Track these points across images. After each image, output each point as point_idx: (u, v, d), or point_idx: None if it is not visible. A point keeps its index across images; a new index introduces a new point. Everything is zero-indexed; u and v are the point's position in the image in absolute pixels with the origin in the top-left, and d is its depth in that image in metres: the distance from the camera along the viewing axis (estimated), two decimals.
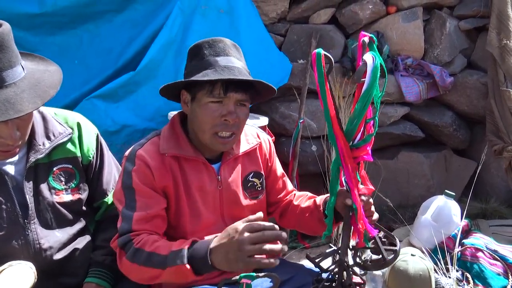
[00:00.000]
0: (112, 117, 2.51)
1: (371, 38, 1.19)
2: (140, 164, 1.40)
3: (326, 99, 1.16)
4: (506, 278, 2.14)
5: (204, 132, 1.41)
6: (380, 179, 2.94)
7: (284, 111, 3.00)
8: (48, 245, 1.37)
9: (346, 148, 1.22)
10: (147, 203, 1.38)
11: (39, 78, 1.31)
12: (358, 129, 1.21)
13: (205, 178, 1.47)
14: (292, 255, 2.68)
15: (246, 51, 2.72)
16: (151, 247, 1.29)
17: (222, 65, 1.38)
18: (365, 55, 1.16)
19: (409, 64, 3.03)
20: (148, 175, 1.39)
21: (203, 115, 1.39)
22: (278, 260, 1.16)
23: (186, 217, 1.45)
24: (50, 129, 1.43)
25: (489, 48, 2.82)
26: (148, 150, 1.43)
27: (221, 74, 1.35)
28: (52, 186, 1.42)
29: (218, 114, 1.38)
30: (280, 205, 1.66)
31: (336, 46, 3.01)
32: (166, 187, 1.42)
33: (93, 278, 1.44)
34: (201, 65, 1.40)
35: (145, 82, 2.55)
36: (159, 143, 1.44)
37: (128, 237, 1.33)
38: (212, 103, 1.38)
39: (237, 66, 1.39)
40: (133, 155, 1.42)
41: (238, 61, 1.42)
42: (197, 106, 1.41)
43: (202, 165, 1.47)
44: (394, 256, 1.30)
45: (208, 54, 1.40)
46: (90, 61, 2.57)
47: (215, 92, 1.37)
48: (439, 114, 3.18)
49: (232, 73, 1.36)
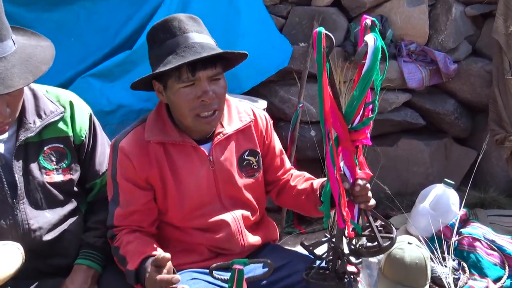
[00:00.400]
0: (108, 96, 2.46)
1: (373, 22, 1.18)
2: (122, 157, 1.41)
3: (322, 78, 1.14)
4: (503, 269, 2.13)
5: (185, 116, 1.38)
6: (379, 166, 2.91)
7: (284, 95, 2.95)
8: (38, 225, 1.35)
9: (344, 130, 1.21)
10: (128, 199, 1.42)
11: (30, 53, 1.27)
12: (357, 111, 1.20)
13: (195, 161, 1.45)
14: (287, 241, 2.67)
15: (246, 32, 2.72)
16: (123, 250, 1.37)
17: (182, 46, 1.32)
18: (366, 36, 1.15)
19: (412, 49, 2.97)
20: (130, 168, 1.40)
21: (179, 101, 1.36)
22: None
23: (175, 203, 1.44)
24: (41, 107, 1.40)
25: (495, 35, 2.76)
26: (131, 140, 1.43)
27: (183, 56, 1.30)
28: (43, 166, 1.39)
29: (193, 97, 1.35)
30: (278, 184, 1.63)
31: (338, 30, 2.94)
32: (150, 177, 1.42)
33: (84, 260, 1.42)
34: (162, 52, 1.35)
35: (141, 61, 2.47)
36: (144, 131, 1.43)
37: (112, 232, 1.43)
38: (184, 88, 1.34)
39: (198, 42, 1.34)
40: (116, 147, 1.43)
41: (198, 34, 1.36)
42: (171, 94, 1.38)
43: (190, 148, 1.45)
44: (390, 244, 1.29)
45: (164, 38, 1.35)
46: (87, 38, 2.51)
47: (183, 77, 1.33)
48: (441, 102, 3.13)
49: (194, 51, 1.31)
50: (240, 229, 1.48)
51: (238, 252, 1.48)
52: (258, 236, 1.54)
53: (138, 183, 1.41)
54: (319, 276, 1.34)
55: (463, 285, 2.05)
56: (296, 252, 1.59)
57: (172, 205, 1.44)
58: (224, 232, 1.45)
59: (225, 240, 1.45)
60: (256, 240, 1.53)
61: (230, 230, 1.45)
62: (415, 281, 1.97)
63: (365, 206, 1.30)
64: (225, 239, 1.45)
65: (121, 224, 1.42)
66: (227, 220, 1.46)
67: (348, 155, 1.25)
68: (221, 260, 1.45)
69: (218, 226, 1.45)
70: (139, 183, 1.41)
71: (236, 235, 1.46)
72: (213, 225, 1.45)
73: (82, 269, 1.40)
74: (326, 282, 1.31)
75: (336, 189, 1.22)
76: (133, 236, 1.39)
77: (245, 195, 1.51)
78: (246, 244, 1.48)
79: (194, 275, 1.41)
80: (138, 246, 1.35)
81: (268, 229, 1.62)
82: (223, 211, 1.47)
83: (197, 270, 1.44)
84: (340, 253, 1.31)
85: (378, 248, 1.29)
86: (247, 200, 1.52)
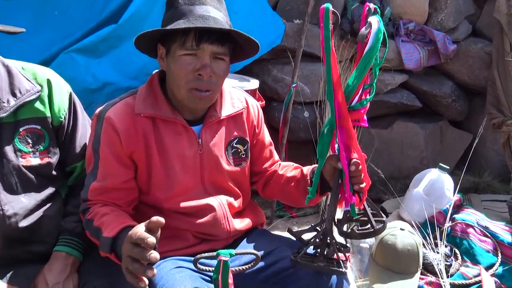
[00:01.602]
0: (93, 73, 2.36)
1: (375, 9, 1.23)
2: (108, 129, 1.33)
3: (330, 56, 1.17)
4: (495, 256, 2.10)
5: (179, 88, 1.32)
6: (373, 149, 2.86)
7: (277, 74, 2.86)
8: (13, 211, 1.28)
9: (344, 108, 1.22)
10: (106, 174, 1.33)
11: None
12: (356, 91, 1.23)
13: (184, 141, 1.38)
14: (278, 224, 2.63)
15: (239, 8, 2.60)
16: (98, 222, 1.27)
17: (196, 15, 1.28)
18: (370, 17, 1.19)
19: (411, 29, 2.88)
20: (115, 141, 1.32)
21: (177, 69, 1.30)
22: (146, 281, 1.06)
23: (160, 183, 1.38)
24: (16, 85, 1.31)
25: (497, 15, 2.68)
26: (119, 111, 1.35)
27: (193, 23, 1.25)
28: (18, 148, 1.31)
29: (191, 68, 1.29)
30: (265, 175, 1.60)
31: (335, 6, 2.82)
32: (135, 152, 1.35)
33: (63, 247, 1.35)
34: (175, 15, 1.30)
35: (129, 37, 2.38)
36: (134, 103, 1.36)
37: (85, 205, 1.35)
38: (186, 55, 1.29)
39: (212, 16, 1.29)
40: (102, 117, 1.34)
41: (216, 10, 1.31)
42: (172, 60, 1.32)
43: (181, 127, 1.38)
44: (383, 226, 1.31)
45: (182, 3, 1.31)
46: (72, 12, 2.38)
47: (188, 43, 1.28)
48: (438, 84, 3.06)
49: (206, 22, 1.26)
50: (226, 214, 1.43)
51: (224, 238, 1.44)
52: (244, 221, 1.50)
53: (121, 159, 1.34)
54: (308, 257, 1.33)
55: (454, 272, 2.02)
56: (285, 238, 1.54)
57: (156, 185, 1.38)
58: (210, 217, 1.40)
59: (211, 225, 1.40)
60: (242, 225, 1.49)
61: (216, 215, 1.41)
62: (406, 267, 1.95)
63: (359, 188, 1.30)
64: (211, 224, 1.40)
65: (96, 199, 1.33)
66: (213, 204, 1.41)
67: (345, 135, 1.26)
68: (206, 246, 1.42)
69: (203, 211, 1.40)
70: (122, 159, 1.34)
71: (222, 220, 1.42)
72: (198, 209, 1.40)
73: (61, 256, 1.33)
74: (315, 264, 1.30)
75: (346, 166, 1.26)
76: (109, 209, 1.31)
77: (229, 183, 1.47)
78: (231, 230, 1.44)
79: (179, 263, 1.37)
80: (116, 217, 1.26)
81: (255, 214, 1.58)
82: (206, 195, 1.42)
83: (182, 258, 1.39)
84: (329, 238, 1.30)
85: (371, 230, 1.30)
86: (231, 188, 1.48)
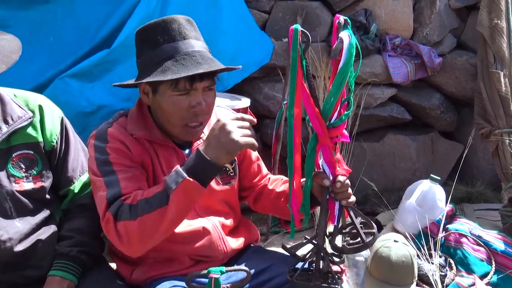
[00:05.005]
0: (88, 97, 2.39)
1: (346, 21, 1.21)
2: (114, 141, 1.32)
3: (296, 76, 1.16)
4: (489, 264, 2.12)
5: (174, 125, 1.34)
6: (365, 162, 2.89)
7: (268, 92, 2.90)
8: (7, 236, 1.29)
9: (323, 127, 1.22)
10: (127, 171, 1.29)
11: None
12: (334, 107, 1.22)
13: (175, 164, 1.40)
14: (274, 240, 2.64)
15: (227, 29, 2.66)
16: (144, 195, 1.21)
17: (182, 53, 1.28)
18: (341, 32, 1.17)
19: (397, 43, 2.94)
20: (125, 150, 1.32)
21: (169, 108, 1.31)
22: None
23: None
24: (8, 112, 1.34)
25: (480, 28, 2.73)
26: (118, 129, 1.36)
27: (184, 65, 1.25)
28: (11, 174, 1.33)
29: (185, 106, 1.31)
30: (255, 190, 1.61)
31: (322, 25, 2.90)
32: (144, 162, 1.35)
33: (57, 271, 1.36)
34: (159, 55, 1.29)
35: (121, 60, 2.43)
36: (126, 124, 1.37)
37: (120, 201, 1.23)
38: (178, 96, 1.30)
39: (198, 50, 1.30)
40: (103, 134, 1.34)
41: (197, 41, 1.33)
42: (161, 99, 1.32)
43: (172, 149, 1.41)
44: (373, 239, 1.30)
45: (163, 40, 1.29)
46: (66, 38, 2.44)
47: (180, 85, 1.28)
48: (426, 96, 3.11)
49: (195, 61, 1.26)
50: (221, 235, 1.44)
51: (221, 259, 1.45)
52: (239, 239, 1.51)
53: (136, 162, 1.32)
54: (304, 276, 1.34)
55: (450, 282, 2.03)
56: (280, 254, 1.55)
57: None
58: (205, 240, 1.41)
59: (207, 247, 1.41)
60: (238, 244, 1.50)
61: (211, 237, 1.42)
62: (402, 279, 1.95)
63: (347, 203, 1.30)
64: (207, 247, 1.41)
65: (131, 191, 1.25)
66: (207, 227, 1.42)
67: (328, 152, 1.26)
68: (203, 267, 1.41)
69: (198, 234, 1.41)
70: (137, 162, 1.32)
71: (217, 241, 1.43)
72: (193, 234, 1.40)
73: (55, 280, 1.34)
74: (312, 282, 1.30)
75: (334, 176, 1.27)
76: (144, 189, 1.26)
77: (219, 203, 1.48)
78: (228, 250, 1.45)
79: (175, 283, 1.37)
80: None
81: (248, 231, 1.59)
82: (196, 217, 1.43)
83: (178, 277, 1.40)
84: (323, 253, 1.31)
85: (361, 244, 1.30)
86: (221, 207, 1.49)
